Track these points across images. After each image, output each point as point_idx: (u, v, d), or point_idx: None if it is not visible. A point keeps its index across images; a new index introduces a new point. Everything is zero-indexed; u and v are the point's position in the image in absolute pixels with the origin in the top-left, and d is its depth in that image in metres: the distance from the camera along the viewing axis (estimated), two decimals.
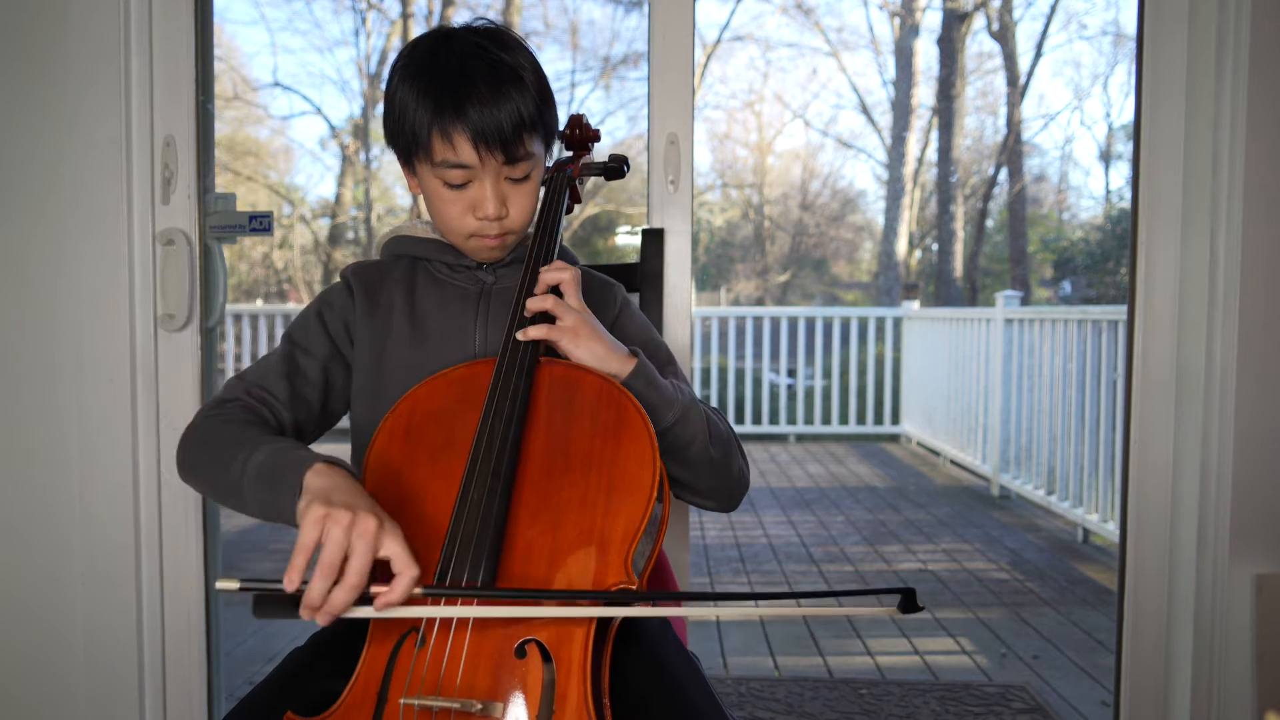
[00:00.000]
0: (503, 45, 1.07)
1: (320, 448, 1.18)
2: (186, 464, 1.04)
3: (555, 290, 1.07)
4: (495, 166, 1.06)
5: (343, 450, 1.16)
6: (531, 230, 1.17)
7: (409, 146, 1.07)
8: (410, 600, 0.85)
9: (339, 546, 0.81)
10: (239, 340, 6.92)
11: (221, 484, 0.98)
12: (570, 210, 1.25)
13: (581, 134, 1.32)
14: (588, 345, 1.03)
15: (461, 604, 0.87)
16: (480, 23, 1.11)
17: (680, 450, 1.05)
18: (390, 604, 0.83)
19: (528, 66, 1.07)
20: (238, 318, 6.97)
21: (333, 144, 12.70)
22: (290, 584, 0.80)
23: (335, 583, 0.81)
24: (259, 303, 11.77)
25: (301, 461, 0.90)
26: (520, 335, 1.03)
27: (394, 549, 0.83)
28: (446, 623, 0.89)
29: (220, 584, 0.81)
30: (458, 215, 1.09)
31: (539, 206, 1.18)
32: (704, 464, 1.08)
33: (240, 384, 1.10)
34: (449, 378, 1.05)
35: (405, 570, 0.82)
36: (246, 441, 0.97)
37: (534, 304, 1.05)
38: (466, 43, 1.06)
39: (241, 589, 0.81)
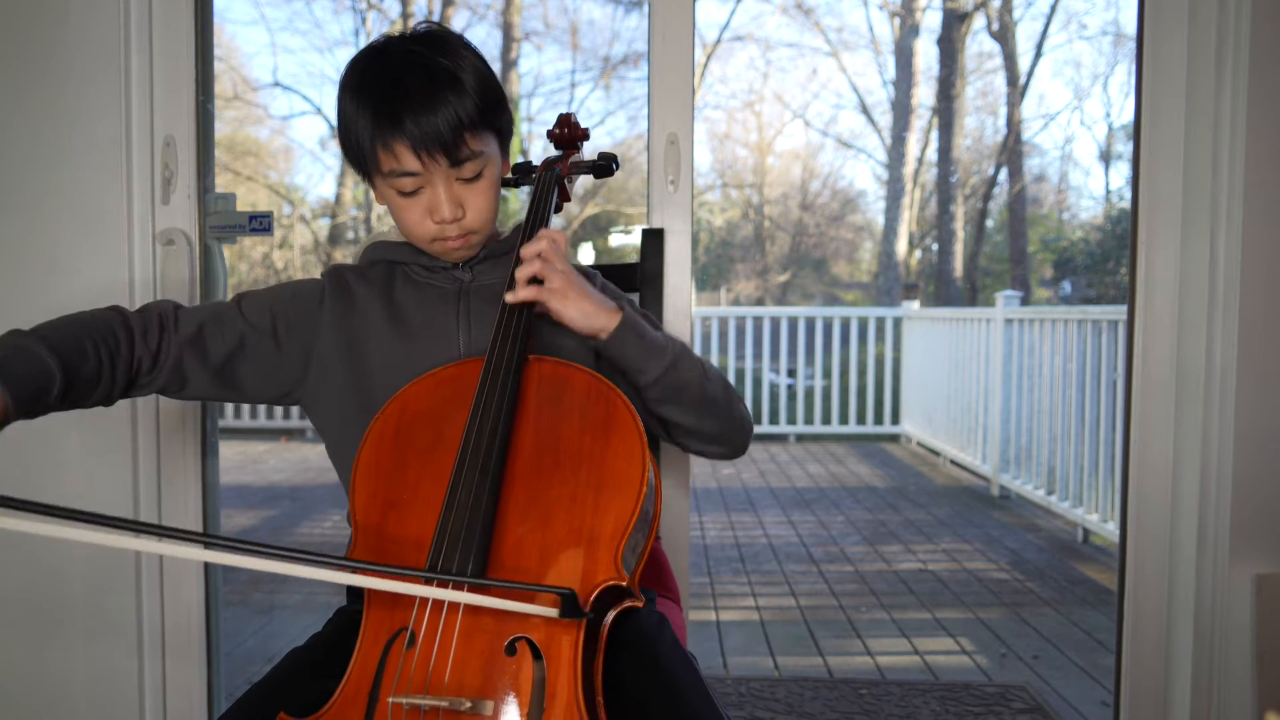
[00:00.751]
0: (440, 49, 1.07)
1: (309, 448, 1.18)
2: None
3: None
4: (443, 170, 1.07)
5: (318, 451, 1.16)
6: (522, 223, 1.18)
7: (360, 161, 1.10)
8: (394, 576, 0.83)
9: None
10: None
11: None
12: (559, 209, 1.26)
13: (570, 133, 1.32)
14: (576, 304, 1.06)
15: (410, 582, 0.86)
16: (421, 27, 1.12)
17: (679, 393, 1.09)
18: None
19: (467, 68, 1.07)
20: None
21: (333, 144, 12.69)
22: None
23: None
24: None
25: None
26: (509, 297, 1.06)
27: None
28: (435, 621, 0.88)
29: None
30: (417, 221, 1.10)
31: (527, 204, 1.19)
32: (706, 404, 1.11)
33: (170, 304, 1.11)
34: (438, 377, 1.05)
35: None
36: (38, 332, 0.99)
37: (522, 273, 1.07)
38: (401, 52, 1.08)
39: None
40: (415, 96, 1.04)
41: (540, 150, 1.28)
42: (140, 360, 1.07)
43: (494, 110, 1.10)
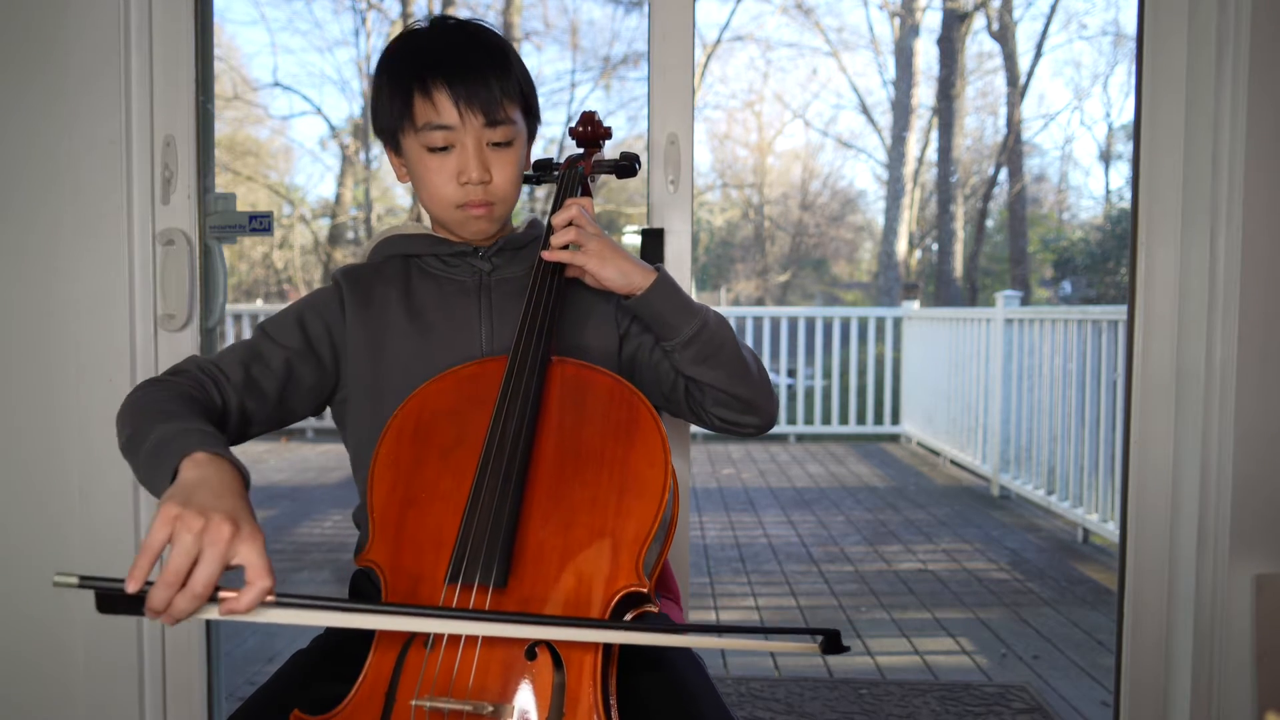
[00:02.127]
0: (481, 29, 1.14)
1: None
2: (118, 425, 1.00)
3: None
4: (476, 129, 1.09)
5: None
6: (539, 222, 1.18)
7: (394, 122, 1.11)
8: (279, 605, 0.80)
9: (187, 554, 0.77)
10: (239, 340, 6.92)
11: (129, 449, 0.95)
12: None
13: (593, 130, 1.32)
14: (614, 263, 1.08)
15: (322, 611, 0.82)
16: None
17: (715, 350, 1.10)
18: (234, 611, 0.78)
19: (510, 50, 1.14)
20: (238, 318, 6.97)
21: (333, 144, 12.70)
22: (133, 584, 0.76)
23: (182, 588, 0.77)
24: (259, 303, 11.77)
25: (185, 448, 0.86)
26: (546, 255, 1.09)
27: (249, 557, 0.78)
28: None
29: (57, 578, 0.75)
30: (443, 183, 1.11)
31: (551, 202, 1.19)
32: (740, 367, 1.12)
33: (195, 360, 1.10)
34: (459, 376, 1.05)
35: (257, 580, 0.77)
36: (162, 414, 0.93)
37: (557, 239, 1.10)
38: (444, 27, 1.13)
39: (81, 585, 0.75)
40: (461, 54, 1.09)
41: (539, 152, 1.28)
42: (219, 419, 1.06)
43: (529, 93, 1.15)
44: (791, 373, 7.78)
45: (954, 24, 11.93)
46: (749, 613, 3.24)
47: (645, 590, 0.90)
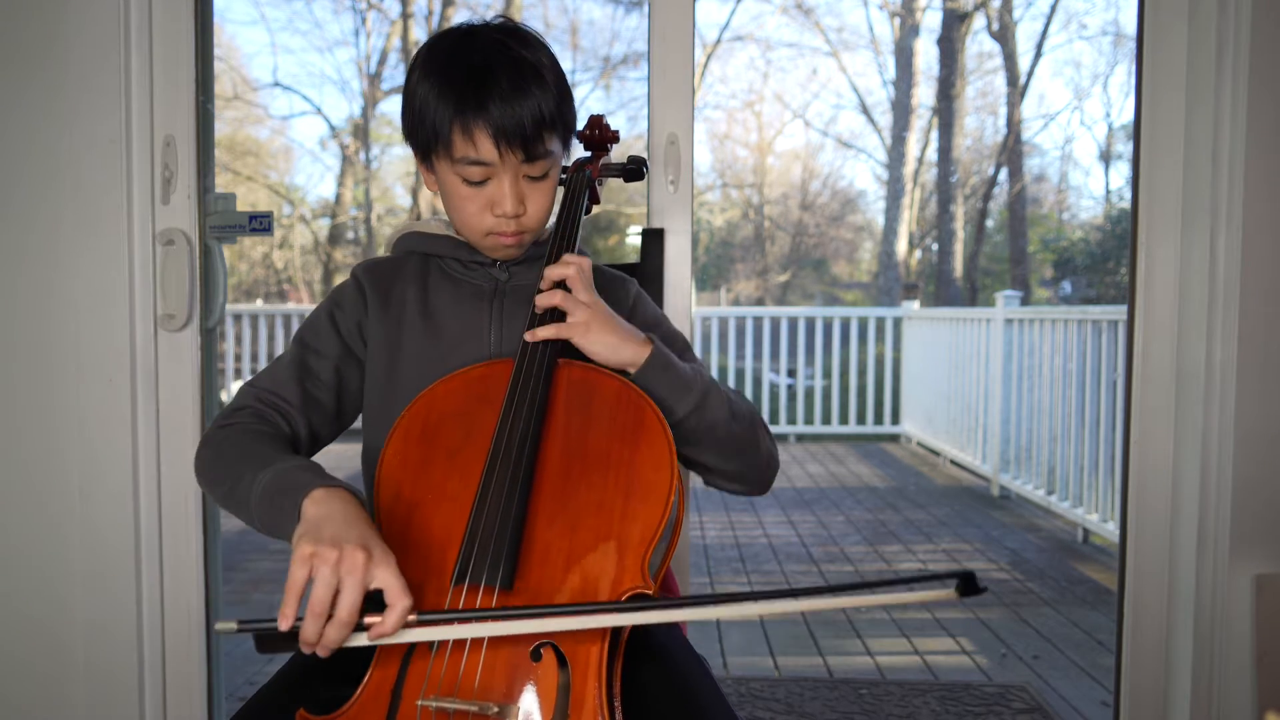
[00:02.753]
0: (524, 42, 1.07)
1: (334, 445, 1.19)
2: (203, 474, 1.05)
3: (564, 286, 1.07)
4: (514, 164, 1.05)
5: (353, 449, 1.16)
6: (550, 229, 1.17)
7: (429, 143, 1.07)
8: (420, 624, 0.84)
9: (328, 586, 0.80)
10: (239, 340, 6.93)
11: (232, 499, 0.99)
12: (589, 211, 1.25)
13: (601, 134, 1.32)
14: (600, 338, 1.03)
15: (491, 622, 0.86)
16: (498, 20, 1.11)
17: (705, 432, 1.05)
18: (384, 634, 0.82)
19: (548, 64, 1.07)
20: (238, 318, 6.97)
21: (333, 144, 12.71)
22: (284, 622, 0.80)
23: (329, 619, 0.81)
24: (259, 303, 11.78)
25: (302, 487, 0.90)
26: (529, 336, 1.04)
27: (386, 579, 0.82)
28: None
29: (219, 626, 0.81)
30: (475, 213, 1.09)
31: (558, 206, 1.18)
32: (730, 444, 1.07)
33: (252, 390, 1.10)
34: (467, 377, 1.05)
35: (397, 601, 0.81)
36: (255, 458, 0.97)
37: (542, 300, 1.05)
38: (488, 39, 1.06)
39: (240, 630, 0.81)
40: (504, 86, 1.02)
41: None
42: (294, 446, 1.09)
43: (568, 109, 1.10)
44: (791, 373, 7.78)
45: (954, 24, 11.93)
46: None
47: (651, 592, 0.90)
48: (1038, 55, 12.07)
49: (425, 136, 1.06)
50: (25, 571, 1.69)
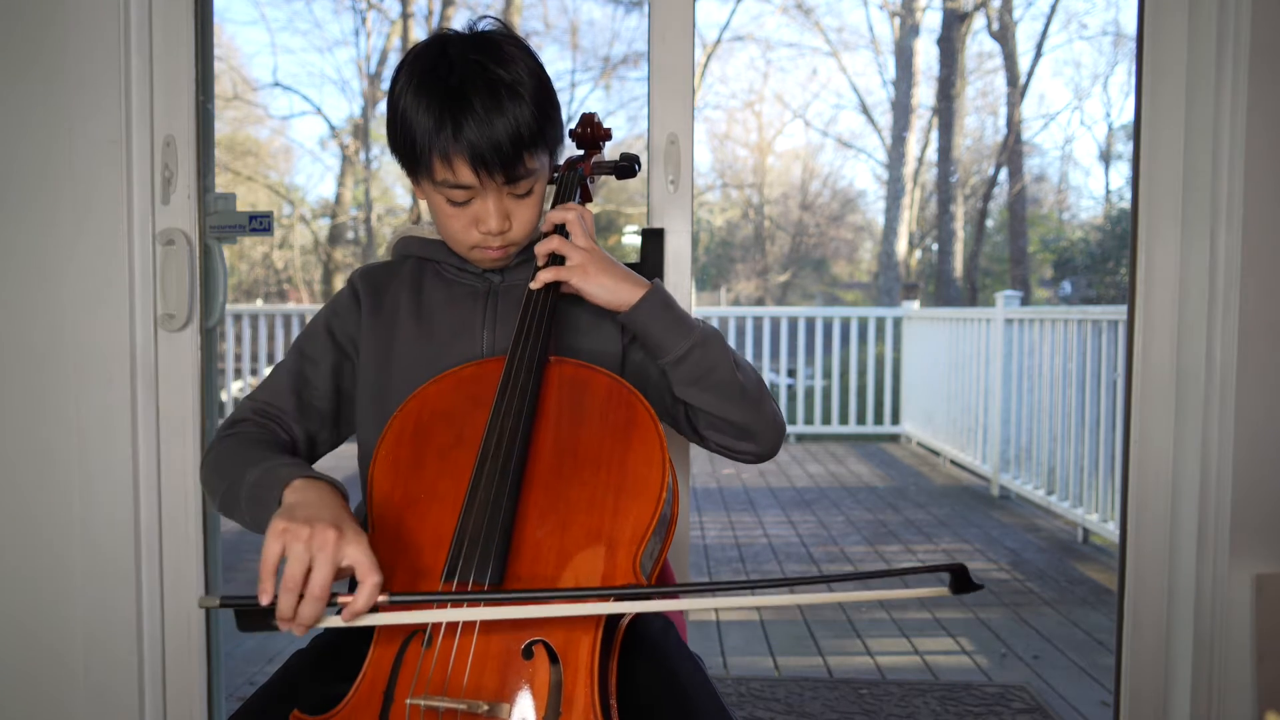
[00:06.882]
0: (500, 58, 1.04)
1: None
2: (206, 486, 1.08)
3: (562, 232, 1.10)
4: (496, 188, 1.06)
5: (353, 449, 1.17)
6: (542, 229, 1.17)
7: (411, 164, 1.08)
8: (415, 604, 0.86)
9: (300, 561, 0.82)
10: (239, 340, 6.92)
11: (228, 502, 1.01)
12: None
13: (593, 133, 1.32)
14: (598, 279, 1.05)
15: (468, 606, 0.87)
16: (483, 24, 1.09)
17: (707, 373, 1.05)
18: (357, 613, 0.83)
19: (526, 79, 1.04)
20: (238, 318, 6.97)
21: (333, 144, 12.70)
22: (265, 596, 0.82)
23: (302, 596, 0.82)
24: (259, 303, 11.78)
25: (283, 480, 0.93)
26: (532, 284, 1.06)
27: (356, 556, 0.83)
28: (453, 624, 0.88)
29: (203, 600, 0.83)
30: (460, 229, 1.10)
31: (549, 205, 1.19)
32: (734, 389, 1.06)
33: (250, 404, 1.13)
34: (458, 376, 1.05)
35: (366, 578, 0.83)
36: (246, 461, 1.00)
37: (541, 247, 1.07)
38: (464, 59, 1.03)
39: (222, 604, 0.83)
40: (478, 111, 1.01)
41: None
42: (291, 452, 1.11)
43: (551, 122, 1.07)
44: (791, 373, 7.78)
45: (954, 24, 11.93)
46: (749, 612, 3.24)
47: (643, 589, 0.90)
48: (1038, 55, 12.07)
49: (408, 155, 1.07)
50: (25, 572, 1.69)
